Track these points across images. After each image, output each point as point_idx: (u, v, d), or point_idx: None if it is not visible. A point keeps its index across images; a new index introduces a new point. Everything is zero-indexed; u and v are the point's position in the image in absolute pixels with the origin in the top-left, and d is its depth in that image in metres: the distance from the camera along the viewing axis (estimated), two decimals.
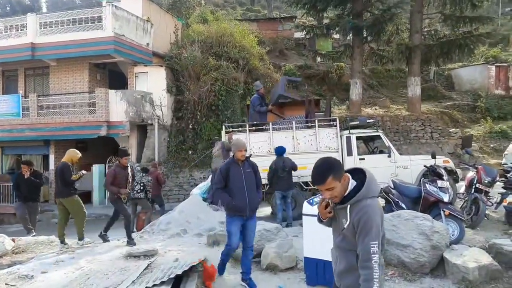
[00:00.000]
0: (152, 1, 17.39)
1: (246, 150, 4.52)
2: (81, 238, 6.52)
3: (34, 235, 7.13)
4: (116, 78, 16.15)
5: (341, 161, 8.25)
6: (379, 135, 8.54)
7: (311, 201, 4.60)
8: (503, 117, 18.32)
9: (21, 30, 14.97)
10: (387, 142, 8.47)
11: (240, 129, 9.20)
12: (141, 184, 8.39)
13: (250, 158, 4.72)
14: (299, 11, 21.90)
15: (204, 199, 8.11)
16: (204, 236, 6.62)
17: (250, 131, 8.77)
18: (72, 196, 6.50)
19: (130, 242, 6.24)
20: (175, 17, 18.52)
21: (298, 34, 24.45)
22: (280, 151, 7.64)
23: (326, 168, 2.19)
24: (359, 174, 2.27)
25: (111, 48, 13.81)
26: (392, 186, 6.34)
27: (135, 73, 15.26)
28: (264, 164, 8.13)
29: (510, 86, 21.19)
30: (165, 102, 15.05)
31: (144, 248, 5.59)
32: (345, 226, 2.23)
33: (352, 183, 2.24)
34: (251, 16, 32.99)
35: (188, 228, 7.03)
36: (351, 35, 17.55)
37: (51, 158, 14.88)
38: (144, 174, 8.88)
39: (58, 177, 6.50)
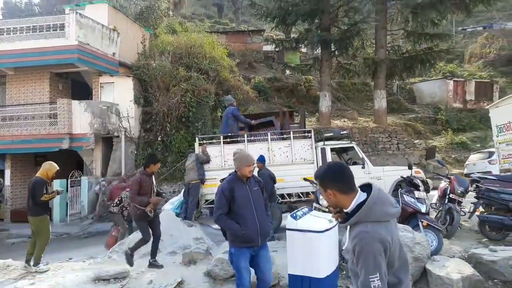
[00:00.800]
0: (119, 10, 16.94)
1: (254, 165, 3.76)
2: (37, 263, 5.75)
3: None
4: (79, 89, 15.41)
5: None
6: (352, 147, 8.63)
7: (294, 215, 4.46)
8: (462, 129, 19.35)
9: None
10: (360, 153, 8.57)
11: (213, 141, 8.97)
12: (118, 199, 7.89)
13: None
14: (268, 24, 22.17)
15: (177, 215, 7.76)
16: (178, 254, 6.28)
17: (224, 143, 8.56)
18: (41, 216, 5.86)
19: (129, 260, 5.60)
20: (143, 27, 18.10)
21: (267, 47, 24.74)
22: (262, 160, 7.46)
23: (324, 171, 2.07)
24: (370, 190, 2.02)
25: (75, 57, 13.17)
26: None
27: (101, 83, 14.64)
28: None
29: (467, 99, 22.50)
30: (133, 114, 14.53)
31: (114, 270, 5.18)
32: (344, 248, 2.07)
33: (357, 200, 2.00)
34: (219, 28, 33.04)
35: (161, 246, 6.63)
36: (319, 48, 17.97)
37: (7, 173, 13.81)
38: None
39: (29, 193, 5.83)
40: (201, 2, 47.11)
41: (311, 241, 4.06)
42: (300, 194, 8.28)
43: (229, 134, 8.72)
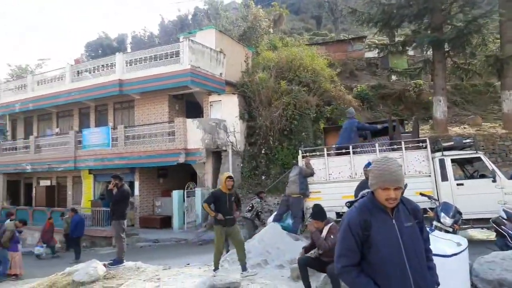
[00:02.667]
0: (224, 33, 18.23)
1: (401, 188, 2.22)
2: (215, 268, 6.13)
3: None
4: (192, 108, 16.96)
5: (434, 187, 7.59)
6: (479, 157, 7.53)
7: None
8: None
9: (110, 68, 16.63)
10: (490, 165, 7.42)
11: (317, 153, 8.84)
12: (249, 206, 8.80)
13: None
14: (369, 30, 21.25)
15: (284, 228, 7.79)
16: (286, 268, 6.26)
17: (328, 155, 8.36)
18: (215, 226, 6.20)
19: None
20: (246, 46, 19.13)
21: (370, 54, 23.67)
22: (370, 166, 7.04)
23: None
24: None
25: (188, 80, 14.58)
26: (505, 217, 5.42)
27: (210, 102, 15.87)
28: (343, 191, 7.65)
29: None
30: (238, 129, 15.33)
31: (227, 280, 5.41)
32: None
33: None
34: (318, 40, 32.95)
35: (269, 259, 6.73)
36: (430, 50, 16.43)
37: (136, 184, 15.86)
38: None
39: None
40: (299, 17, 47.87)
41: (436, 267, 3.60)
42: None
43: (348, 145, 8.44)
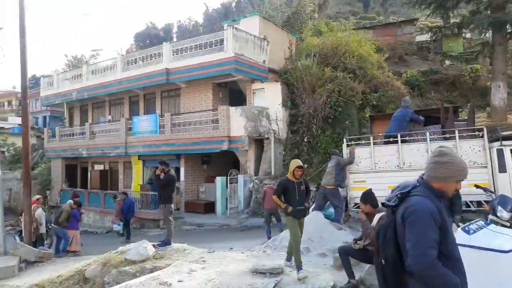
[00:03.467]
0: (268, 19, 18.05)
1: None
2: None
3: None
4: (235, 96, 17.11)
5: (490, 179, 7.09)
6: None
7: (467, 228, 3.81)
8: None
9: (158, 57, 17.18)
10: None
11: (363, 141, 8.59)
12: None
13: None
14: (421, 12, 20.01)
15: (327, 217, 7.72)
16: (328, 256, 6.23)
17: (375, 144, 8.10)
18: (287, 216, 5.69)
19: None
20: (289, 33, 18.85)
21: (421, 37, 22.39)
22: None
23: None
24: None
25: (232, 67, 14.68)
26: None
27: (253, 89, 15.91)
28: (390, 180, 7.40)
29: None
30: (281, 116, 15.25)
31: (269, 265, 5.47)
32: None
33: None
34: (365, 24, 31.66)
35: (311, 247, 6.72)
36: (489, 32, 15.20)
37: (182, 170, 16.42)
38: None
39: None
40: (345, 0, 46.18)
41: (491, 262, 3.38)
42: (470, 204, 7.11)
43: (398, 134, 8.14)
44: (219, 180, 15.04)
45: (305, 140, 14.86)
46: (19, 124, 33.33)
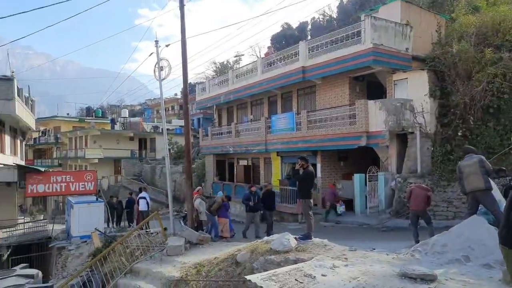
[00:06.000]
0: (411, 2, 16.50)
1: None
2: None
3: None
4: (374, 89, 16.25)
5: None
6: None
7: None
8: None
9: (294, 57, 17.69)
10: None
11: None
12: None
13: None
14: None
15: (490, 222, 6.60)
16: (495, 269, 5.31)
17: None
18: None
19: None
20: (437, 14, 16.81)
21: None
22: None
23: None
24: None
25: (370, 59, 13.99)
26: None
27: (394, 80, 14.82)
28: None
29: None
30: (428, 108, 13.78)
31: (420, 270, 5.01)
32: None
33: None
34: None
35: (472, 255, 5.85)
36: None
37: (318, 167, 16.54)
38: None
39: None
40: None
41: None
42: None
43: None
44: (357, 177, 14.56)
45: (459, 133, 13.05)
46: (180, 126, 39.35)
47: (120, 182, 33.50)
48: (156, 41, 11.06)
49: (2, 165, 15.72)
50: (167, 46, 11.16)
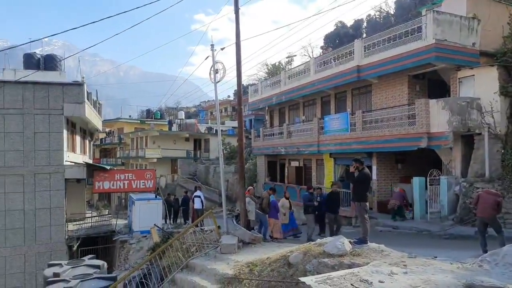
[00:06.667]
0: None
1: None
2: None
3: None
4: (435, 87, 15.29)
5: None
6: None
7: None
8: None
9: (348, 56, 17.23)
10: None
11: None
12: None
13: None
14: None
15: None
16: None
17: None
18: None
19: None
20: (510, 6, 15.37)
21: None
22: None
23: None
24: None
25: (432, 56, 13.19)
26: None
27: (459, 78, 13.82)
28: None
29: None
30: (498, 107, 12.67)
31: (490, 282, 4.62)
32: None
33: None
34: None
35: None
36: None
37: (374, 169, 15.93)
38: None
39: None
40: None
41: None
42: None
43: None
44: (416, 180, 13.80)
45: None
46: (233, 127, 40.17)
47: (176, 181, 34.98)
48: (212, 45, 11.39)
49: (73, 163, 17.15)
50: (222, 49, 11.44)
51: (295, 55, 50.82)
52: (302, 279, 5.10)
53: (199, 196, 16.68)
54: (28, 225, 15.31)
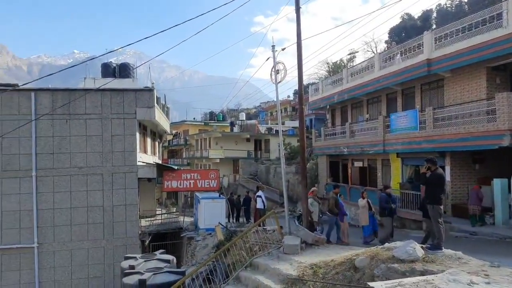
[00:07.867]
0: None
1: None
2: None
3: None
4: None
5: None
6: None
7: None
8: None
9: (417, 49, 16.20)
10: None
11: None
12: None
13: None
14: None
15: None
16: None
17: None
18: None
19: None
20: None
21: None
22: None
23: None
24: None
25: None
26: None
27: None
28: None
29: None
30: None
31: None
32: None
33: None
34: None
35: None
36: None
37: (447, 169, 14.77)
38: None
39: None
40: None
41: None
42: None
43: None
44: (497, 182, 12.54)
45: None
46: (293, 127, 40.03)
47: (238, 181, 35.79)
48: (273, 46, 11.44)
49: (144, 164, 18.40)
50: (283, 49, 11.45)
51: (357, 51, 49.08)
52: (372, 284, 4.90)
53: (260, 196, 16.86)
54: (107, 221, 16.73)
